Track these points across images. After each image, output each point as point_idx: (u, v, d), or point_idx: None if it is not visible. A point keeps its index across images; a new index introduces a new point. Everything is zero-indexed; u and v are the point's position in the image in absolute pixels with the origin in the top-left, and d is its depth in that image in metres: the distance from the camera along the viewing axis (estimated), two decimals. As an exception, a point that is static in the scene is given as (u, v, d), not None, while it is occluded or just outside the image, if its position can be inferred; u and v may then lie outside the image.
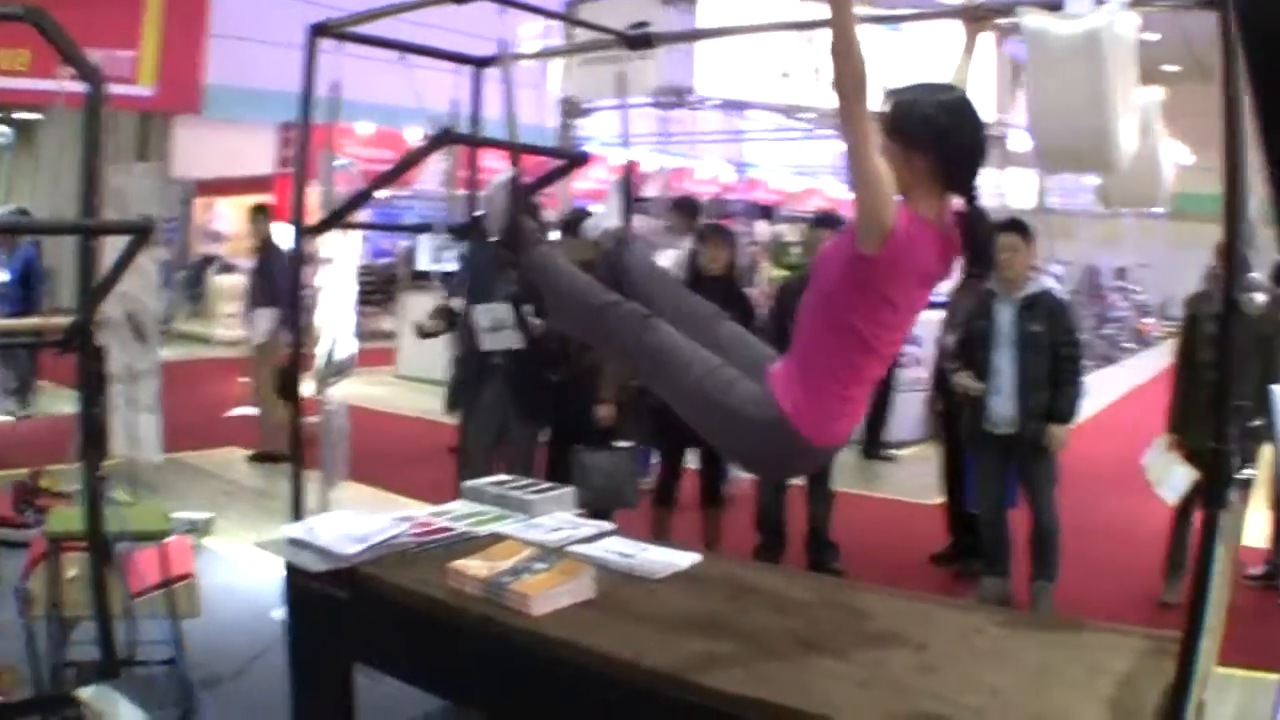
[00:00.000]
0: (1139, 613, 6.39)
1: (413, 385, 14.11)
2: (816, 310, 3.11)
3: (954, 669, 3.04)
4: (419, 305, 14.73)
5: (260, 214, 10.79)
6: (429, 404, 11.01)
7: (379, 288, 19.56)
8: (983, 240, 3.08)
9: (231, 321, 13.15)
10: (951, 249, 3.05)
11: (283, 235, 12.85)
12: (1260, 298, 6.28)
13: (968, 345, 6.56)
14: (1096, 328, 21.06)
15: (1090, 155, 3.57)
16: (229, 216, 21.40)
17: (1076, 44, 3.48)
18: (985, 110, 3.24)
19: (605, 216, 4.05)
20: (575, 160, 5.36)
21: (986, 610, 4.06)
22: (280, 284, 10.16)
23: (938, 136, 2.97)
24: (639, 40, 5.17)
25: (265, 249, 10.54)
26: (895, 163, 2.88)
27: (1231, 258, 2.89)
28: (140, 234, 3.99)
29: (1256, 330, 6.01)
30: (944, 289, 6.26)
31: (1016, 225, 6.52)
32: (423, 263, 18.20)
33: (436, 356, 10.83)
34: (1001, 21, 3.79)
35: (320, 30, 4.69)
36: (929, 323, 7.92)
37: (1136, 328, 25.51)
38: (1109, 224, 24.45)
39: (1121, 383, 18.37)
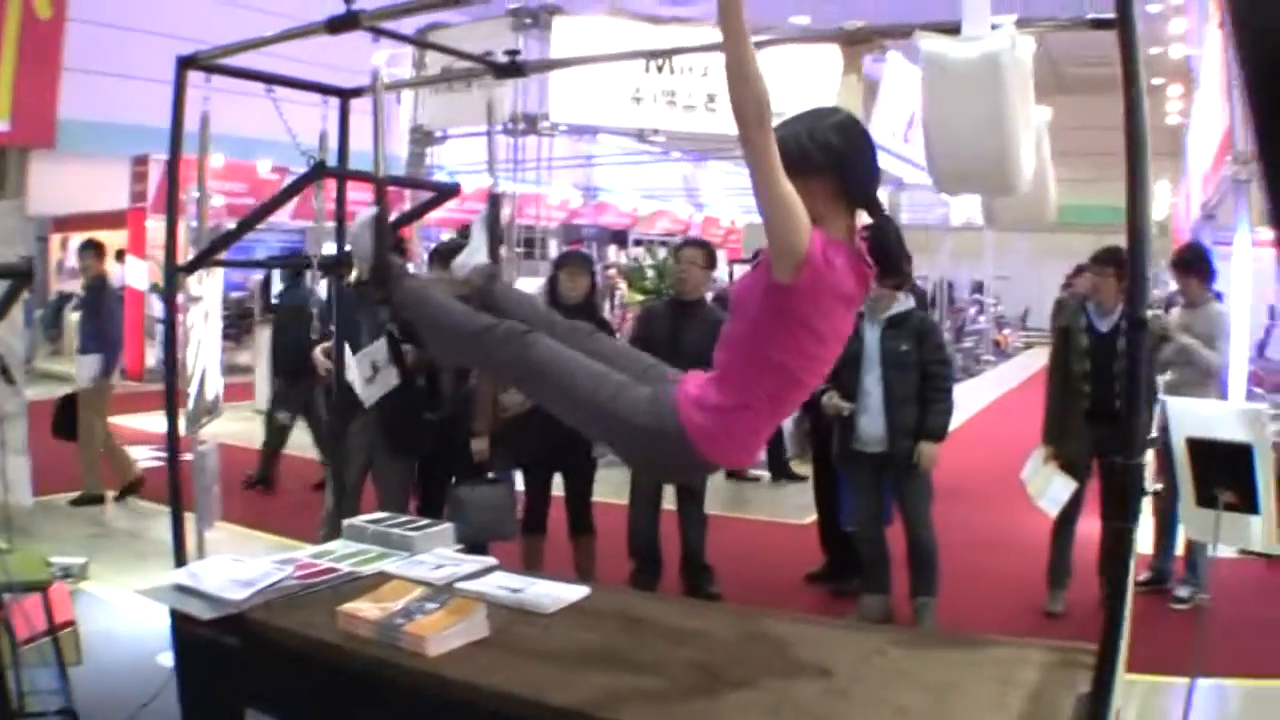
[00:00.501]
0: (1026, 623, 6.50)
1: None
2: (739, 345, 3.02)
3: (861, 691, 3.03)
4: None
5: (89, 250, 10.07)
6: (291, 439, 10.76)
7: (234, 321, 19.19)
8: (894, 251, 3.05)
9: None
10: (866, 267, 3.00)
11: (133, 273, 12.55)
12: (1156, 312, 6.42)
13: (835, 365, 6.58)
14: (955, 341, 21.46)
15: (991, 178, 3.59)
16: (84, 252, 20.89)
17: (976, 67, 3.49)
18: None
19: (473, 252, 3.99)
20: (446, 192, 5.28)
21: (884, 630, 4.08)
22: (111, 326, 9.83)
23: (838, 160, 2.93)
24: (508, 69, 5.11)
25: (97, 287, 9.98)
26: (798, 194, 2.79)
27: (1135, 275, 2.92)
28: (21, 278, 3.85)
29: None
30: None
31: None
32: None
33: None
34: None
35: (188, 63, 4.59)
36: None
37: (995, 340, 26.08)
38: (965, 237, 24.88)
39: (983, 395, 18.76)
